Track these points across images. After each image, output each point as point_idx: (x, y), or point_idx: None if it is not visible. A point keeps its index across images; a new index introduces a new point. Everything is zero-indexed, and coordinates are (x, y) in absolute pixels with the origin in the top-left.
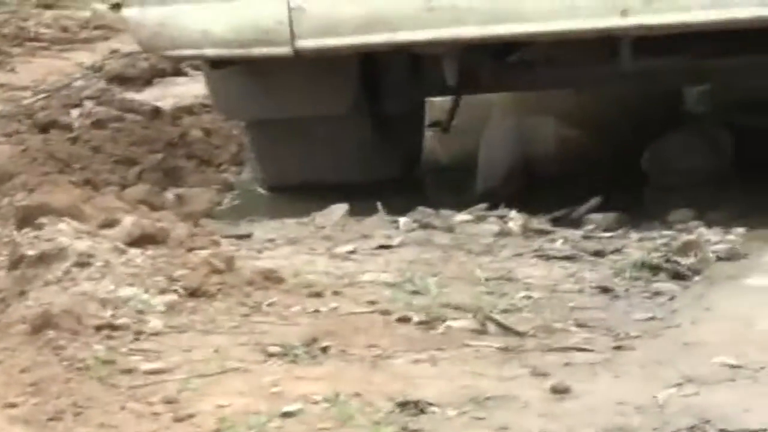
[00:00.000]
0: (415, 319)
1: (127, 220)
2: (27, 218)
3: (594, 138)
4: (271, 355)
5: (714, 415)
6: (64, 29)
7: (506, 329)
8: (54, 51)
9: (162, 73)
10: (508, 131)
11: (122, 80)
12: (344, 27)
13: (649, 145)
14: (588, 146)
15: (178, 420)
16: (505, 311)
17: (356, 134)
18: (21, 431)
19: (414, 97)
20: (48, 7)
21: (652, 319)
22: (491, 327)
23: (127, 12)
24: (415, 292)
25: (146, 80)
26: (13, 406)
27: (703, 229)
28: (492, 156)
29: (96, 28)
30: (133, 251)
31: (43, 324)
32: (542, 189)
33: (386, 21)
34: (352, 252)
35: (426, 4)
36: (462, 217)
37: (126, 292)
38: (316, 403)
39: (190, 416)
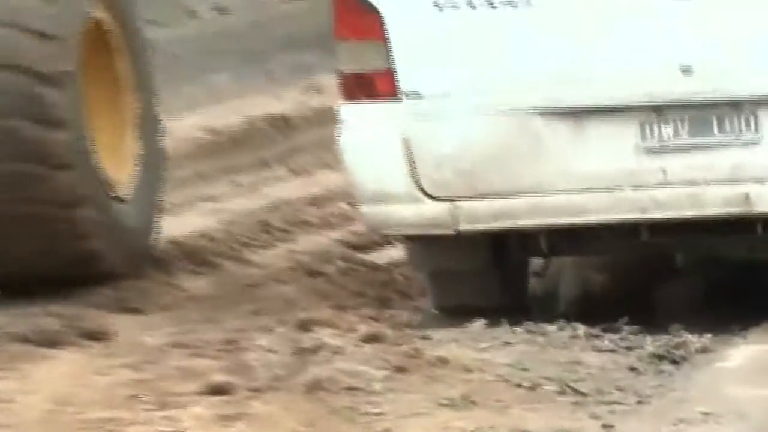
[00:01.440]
0: (525, 384)
1: (363, 328)
2: (304, 324)
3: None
4: (445, 405)
5: None
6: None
7: (575, 391)
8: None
9: (381, 244)
10: (574, 274)
11: (358, 247)
12: (483, 218)
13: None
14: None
15: None
16: (575, 380)
17: (487, 278)
18: None
19: (522, 257)
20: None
21: (660, 385)
22: (568, 390)
23: (362, 208)
24: (524, 369)
25: (371, 247)
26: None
27: (687, 334)
28: (567, 290)
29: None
30: (367, 345)
31: (315, 387)
32: (595, 309)
33: (511, 214)
34: (489, 347)
35: (534, 205)
36: (550, 327)
37: (361, 368)
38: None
39: None
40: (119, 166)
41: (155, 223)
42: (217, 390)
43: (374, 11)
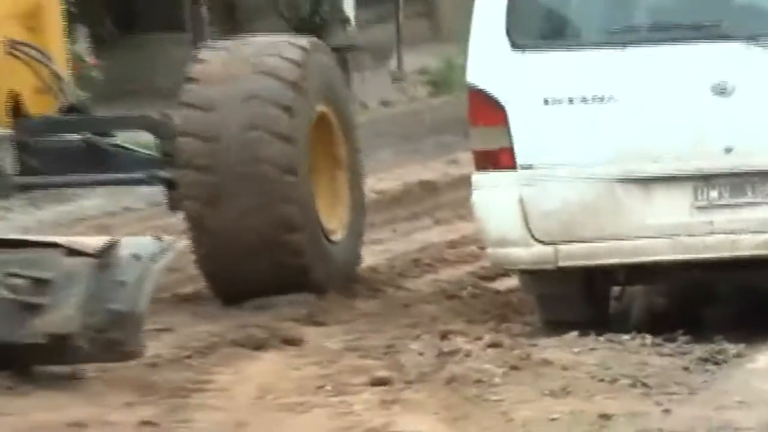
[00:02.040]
0: (606, 379)
1: (487, 337)
2: (444, 334)
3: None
4: (547, 395)
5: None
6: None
7: (644, 384)
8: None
9: (501, 275)
10: (643, 298)
11: (484, 278)
12: (577, 257)
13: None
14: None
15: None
16: (644, 376)
17: (579, 300)
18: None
19: (605, 285)
20: None
21: (706, 381)
22: (638, 383)
23: (488, 249)
24: (607, 368)
25: (494, 278)
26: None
27: (726, 343)
28: (637, 310)
29: (470, 255)
30: (489, 350)
31: (451, 380)
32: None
33: (597, 254)
34: (580, 351)
35: (615, 248)
36: (625, 337)
37: (485, 366)
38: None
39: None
40: (333, 219)
41: (356, 258)
42: (380, 382)
43: (500, 106)
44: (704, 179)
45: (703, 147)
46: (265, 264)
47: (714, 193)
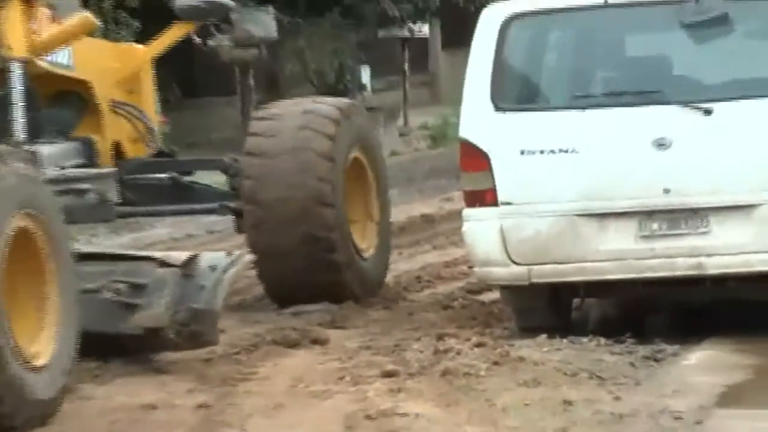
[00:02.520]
0: (569, 373)
1: (474, 338)
2: (440, 336)
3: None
4: (522, 384)
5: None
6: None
7: (599, 377)
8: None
9: (486, 289)
10: (598, 308)
11: (472, 291)
12: (546, 276)
13: (646, 316)
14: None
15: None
16: (599, 370)
17: (547, 310)
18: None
19: (568, 298)
20: None
21: (648, 375)
22: (594, 376)
23: (475, 268)
24: (569, 363)
25: (480, 292)
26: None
27: (664, 344)
28: (594, 317)
29: (461, 273)
30: (476, 349)
31: (446, 373)
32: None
33: (562, 273)
34: (548, 350)
35: (577, 269)
36: (584, 339)
37: (473, 362)
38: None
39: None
40: (364, 240)
41: (382, 273)
42: (388, 374)
43: (485, 155)
44: (647, 215)
45: (646, 189)
46: (310, 275)
47: (655, 225)
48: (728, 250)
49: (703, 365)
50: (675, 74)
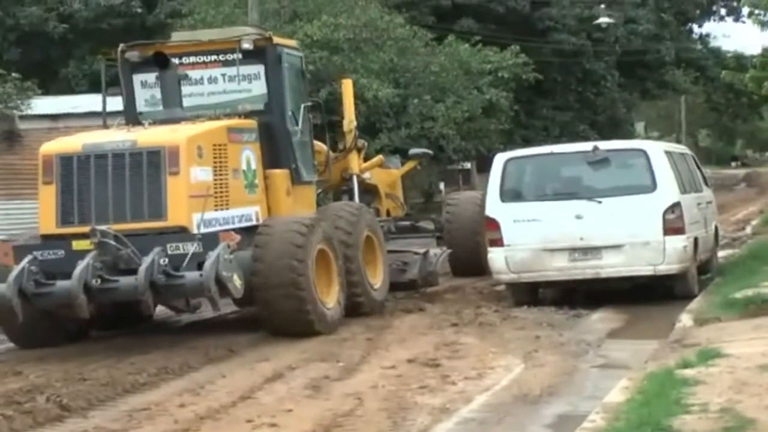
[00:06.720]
0: (536, 328)
1: (493, 307)
2: (477, 307)
3: None
4: (518, 328)
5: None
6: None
7: (551, 326)
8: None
9: (498, 284)
10: (554, 293)
11: (493, 285)
12: (528, 278)
13: (579, 297)
14: None
15: (501, 338)
16: (552, 324)
17: (528, 293)
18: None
19: (537, 287)
20: None
21: (573, 326)
22: (545, 325)
23: (493, 275)
24: (539, 324)
25: (495, 285)
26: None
27: (581, 310)
28: (551, 297)
29: (487, 278)
30: (494, 312)
31: (480, 324)
32: (557, 304)
33: (537, 277)
34: (526, 316)
35: (542, 275)
36: (546, 308)
37: (493, 318)
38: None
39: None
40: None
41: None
42: (453, 324)
43: (497, 222)
44: (573, 249)
45: (572, 238)
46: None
47: (576, 254)
48: (611, 266)
49: (600, 319)
50: (584, 184)
